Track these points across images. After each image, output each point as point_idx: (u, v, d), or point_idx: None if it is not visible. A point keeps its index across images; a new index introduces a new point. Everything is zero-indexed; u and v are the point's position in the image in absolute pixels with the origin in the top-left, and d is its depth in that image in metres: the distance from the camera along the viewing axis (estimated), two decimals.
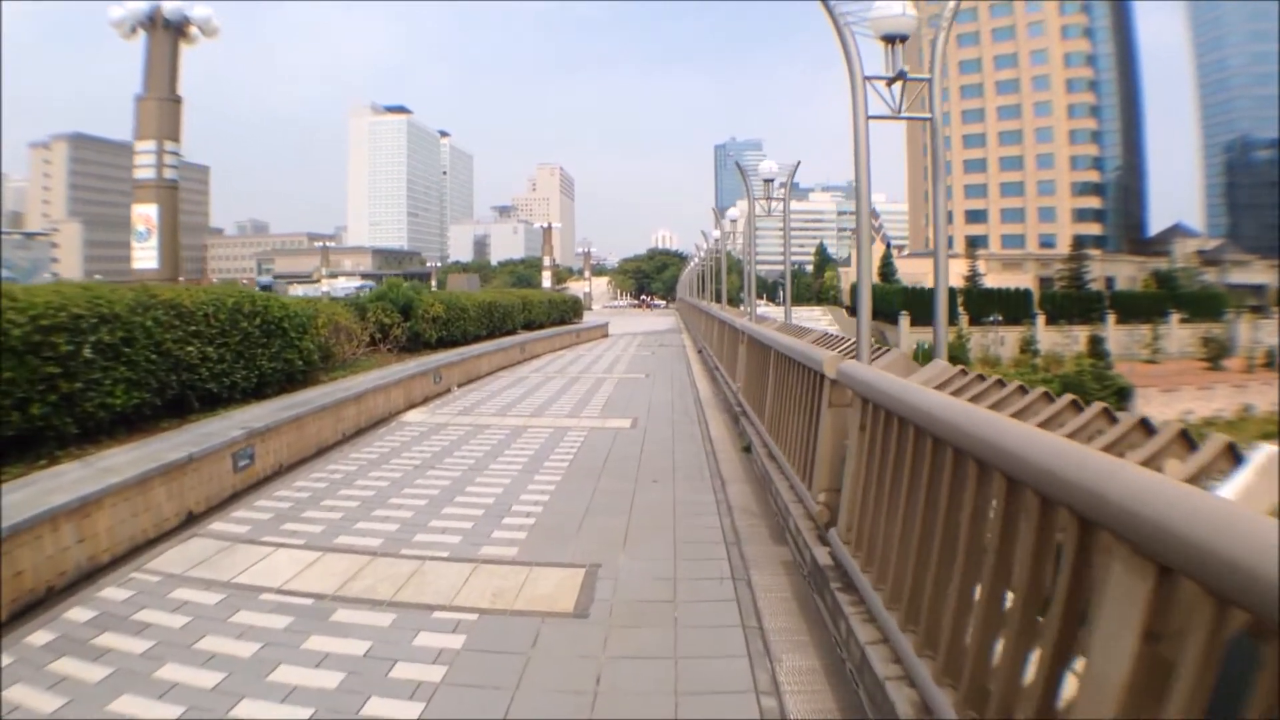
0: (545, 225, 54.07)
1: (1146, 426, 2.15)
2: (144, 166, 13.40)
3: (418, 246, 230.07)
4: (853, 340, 6.09)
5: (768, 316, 18.97)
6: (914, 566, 2.91)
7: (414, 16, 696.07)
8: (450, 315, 16.66)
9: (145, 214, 13.47)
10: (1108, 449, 2.02)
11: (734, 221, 29.98)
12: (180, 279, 13.30)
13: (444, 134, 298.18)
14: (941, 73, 6.35)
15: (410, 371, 12.04)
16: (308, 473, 7.44)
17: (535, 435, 9.30)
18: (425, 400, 12.25)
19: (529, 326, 23.95)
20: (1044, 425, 2.36)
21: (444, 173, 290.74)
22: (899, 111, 6.43)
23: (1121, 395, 58.02)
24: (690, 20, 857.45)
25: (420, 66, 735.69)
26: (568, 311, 29.83)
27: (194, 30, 13.74)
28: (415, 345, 15.67)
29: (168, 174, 13.46)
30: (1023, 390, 2.91)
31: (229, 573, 4.75)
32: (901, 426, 3.22)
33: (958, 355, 60.39)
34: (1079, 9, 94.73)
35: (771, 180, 20.55)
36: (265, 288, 21.76)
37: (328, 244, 76.25)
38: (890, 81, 6.29)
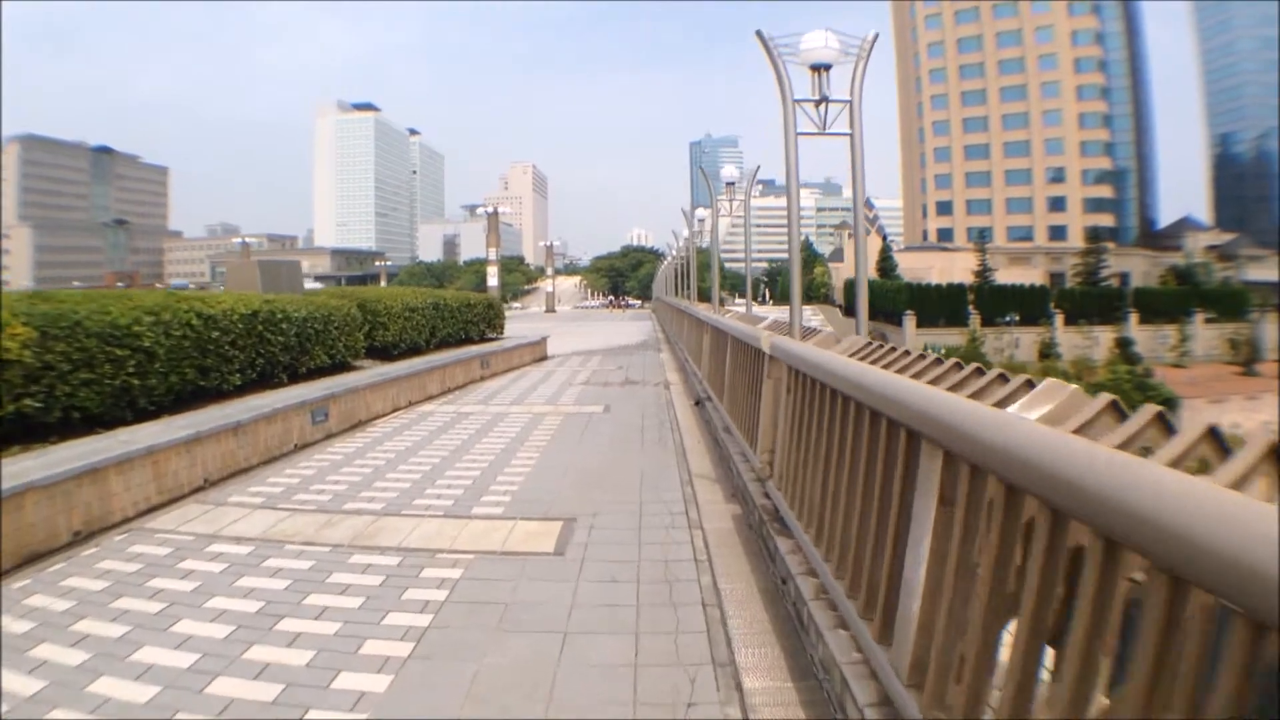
0: (490, 210, 43.92)
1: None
2: None
3: (386, 247, 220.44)
4: None
5: (761, 318, 13.28)
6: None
7: (384, 16, 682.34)
8: (64, 355, 6.68)
9: None
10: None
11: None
12: None
13: (414, 132, 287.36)
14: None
15: None
16: None
17: None
18: None
19: (382, 354, 14.48)
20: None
21: (414, 172, 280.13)
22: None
23: (1167, 406, 50.27)
24: (664, 20, 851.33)
25: (390, 66, 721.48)
26: (475, 322, 19.08)
27: None
28: None
29: None
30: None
31: None
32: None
33: (976, 360, 52.18)
34: None
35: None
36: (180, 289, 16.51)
37: (247, 240, 66.63)
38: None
